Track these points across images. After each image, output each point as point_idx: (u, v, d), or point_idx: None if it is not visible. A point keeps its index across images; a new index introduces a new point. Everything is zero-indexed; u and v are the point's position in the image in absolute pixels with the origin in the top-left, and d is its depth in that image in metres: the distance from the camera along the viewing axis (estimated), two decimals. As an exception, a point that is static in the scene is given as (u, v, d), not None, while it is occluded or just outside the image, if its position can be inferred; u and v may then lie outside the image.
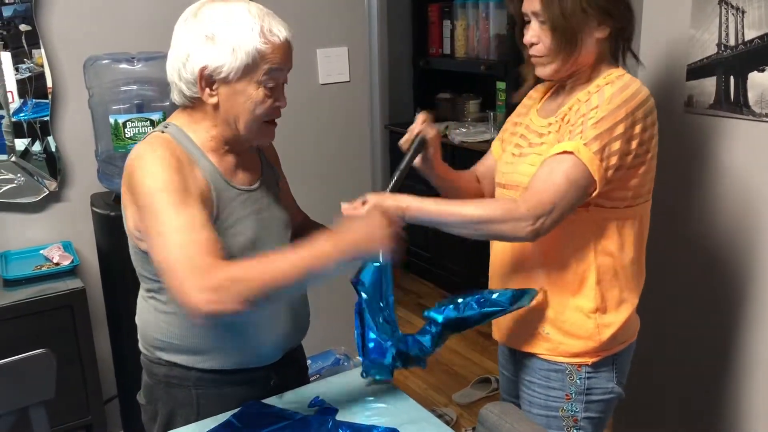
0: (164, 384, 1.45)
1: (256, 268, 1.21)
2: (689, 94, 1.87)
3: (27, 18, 2.23)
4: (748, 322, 1.86)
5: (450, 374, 3.21)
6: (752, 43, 1.71)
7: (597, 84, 1.41)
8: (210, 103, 1.33)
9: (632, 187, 1.42)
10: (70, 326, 2.14)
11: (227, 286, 1.17)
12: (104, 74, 2.20)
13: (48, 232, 2.38)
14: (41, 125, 2.31)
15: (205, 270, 1.17)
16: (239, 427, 1.39)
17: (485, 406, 1.34)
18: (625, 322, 1.48)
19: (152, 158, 1.28)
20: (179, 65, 1.31)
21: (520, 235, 1.35)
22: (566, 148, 1.35)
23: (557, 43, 1.39)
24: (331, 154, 2.91)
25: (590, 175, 1.34)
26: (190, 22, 1.31)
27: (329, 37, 2.79)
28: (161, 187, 1.25)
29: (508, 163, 1.53)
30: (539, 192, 1.34)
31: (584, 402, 1.50)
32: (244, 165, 1.43)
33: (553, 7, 1.37)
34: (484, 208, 1.39)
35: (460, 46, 4.01)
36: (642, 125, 1.37)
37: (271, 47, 1.29)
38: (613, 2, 1.39)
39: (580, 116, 1.37)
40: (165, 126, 1.38)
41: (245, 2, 1.32)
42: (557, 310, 1.48)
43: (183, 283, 1.18)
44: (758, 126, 1.73)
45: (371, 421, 1.40)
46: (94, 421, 2.24)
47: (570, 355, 1.49)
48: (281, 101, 1.36)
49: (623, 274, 1.47)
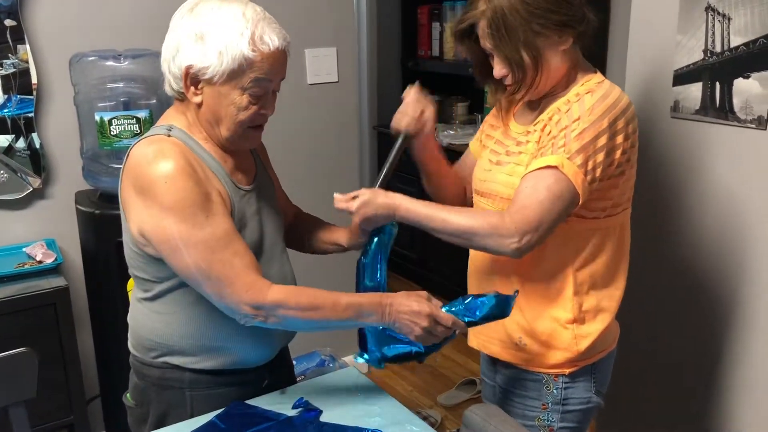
0: (157, 386, 1.44)
1: (304, 300, 1.30)
2: (675, 100, 1.88)
3: (12, 13, 2.21)
4: (733, 327, 1.87)
5: (435, 376, 3.21)
6: (738, 50, 1.72)
7: (576, 92, 1.38)
8: (194, 102, 1.32)
9: (612, 196, 1.41)
10: (53, 325, 2.12)
11: (273, 308, 1.29)
12: (90, 71, 2.18)
13: (31, 230, 2.36)
14: (25, 121, 2.29)
15: (254, 289, 1.28)
16: (223, 428, 1.38)
17: (469, 408, 1.34)
18: (603, 332, 1.47)
19: (172, 169, 1.25)
20: (169, 58, 1.30)
21: (505, 251, 1.33)
22: (550, 163, 1.32)
23: (522, 73, 1.36)
24: (318, 154, 2.90)
25: (574, 189, 1.32)
26: (185, 17, 1.29)
27: (318, 38, 2.79)
28: (187, 201, 1.25)
29: (486, 170, 1.50)
30: (524, 208, 1.32)
31: (561, 412, 1.49)
32: (242, 165, 1.42)
33: (504, 45, 1.34)
34: (472, 220, 1.36)
35: (449, 49, 4.02)
36: (624, 134, 1.35)
37: (259, 55, 1.26)
38: (566, 11, 1.33)
39: (561, 129, 1.33)
40: (169, 129, 1.34)
41: (243, 3, 1.29)
42: (532, 320, 1.46)
43: (231, 297, 1.28)
44: (743, 132, 1.74)
45: (356, 423, 1.40)
46: (76, 420, 2.22)
47: (547, 366, 1.48)
48: (267, 109, 1.34)
49: (602, 284, 1.46)
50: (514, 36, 1.32)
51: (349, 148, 3.01)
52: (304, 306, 1.30)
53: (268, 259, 1.44)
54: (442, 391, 3.05)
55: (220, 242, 1.27)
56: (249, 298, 1.28)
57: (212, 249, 1.27)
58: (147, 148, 1.29)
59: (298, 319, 1.31)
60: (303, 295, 1.31)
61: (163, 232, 1.27)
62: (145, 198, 1.27)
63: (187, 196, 1.25)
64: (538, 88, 1.39)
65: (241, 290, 1.27)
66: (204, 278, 1.28)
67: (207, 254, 1.26)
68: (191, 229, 1.25)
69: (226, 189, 1.35)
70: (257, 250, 1.40)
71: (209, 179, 1.32)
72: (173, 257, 1.28)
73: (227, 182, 1.36)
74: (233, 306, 1.30)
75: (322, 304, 1.30)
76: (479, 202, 1.52)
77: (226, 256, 1.27)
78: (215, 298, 1.30)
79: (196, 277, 1.29)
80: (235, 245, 1.29)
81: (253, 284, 1.28)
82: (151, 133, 1.35)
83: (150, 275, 1.37)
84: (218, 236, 1.27)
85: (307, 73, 2.79)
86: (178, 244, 1.26)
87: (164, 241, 1.28)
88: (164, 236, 1.27)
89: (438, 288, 3.98)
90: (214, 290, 1.29)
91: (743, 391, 1.87)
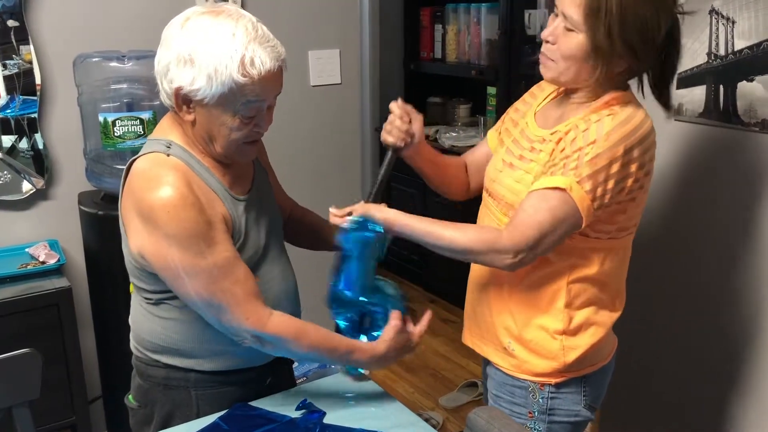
0: (162, 386, 1.44)
1: (302, 336, 1.35)
2: (679, 103, 1.88)
3: (15, 14, 2.21)
4: (739, 336, 1.87)
5: (437, 378, 3.21)
6: (742, 53, 1.72)
7: (599, 109, 1.34)
8: (187, 120, 1.30)
9: (619, 221, 1.39)
10: (56, 325, 2.12)
11: (272, 339, 1.34)
12: (94, 72, 2.18)
13: (34, 230, 2.36)
14: (29, 122, 2.29)
15: (254, 318, 1.31)
16: (226, 429, 1.38)
17: (473, 411, 1.34)
18: (594, 345, 1.44)
19: (174, 198, 1.24)
20: (161, 74, 1.28)
21: (499, 266, 1.35)
22: (558, 185, 1.29)
23: (583, 64, 1.31)
24: (320, 155, 2.91)
25: (579, 214, 1.30)
26: (176, 33, 1.26)
27: (321, 39, 2.79)
28: (190, 231, 1.25)
29: (498, 170, 1.49)
30: (524, 226, 1.31)
31: (546, 422, 1.48)
32: (240, 173, 1.42)
33: (599, 26, 1.27)
34: (468, 238, 1.36)
35: (452, 51, 4.02)
36: (639, 163, 1.31)
37: (250, 80, 1.22)
38: (643, 41, 1.29)
39: (576, 149, 1.30)
40: (168, 146, 1.32)
41: (235, 20, 1.24)
42: (522, 327, 1.46)
43: (233, 325, 1.32)
44: (746, 135, 1.75)
45: (358, 425, 1.40)
46: (79, 421, 2.22)
47: (533, 373, 1.47)
48: (262, 126, 1.33)
49: (597, 300, 1.44)
50: (611, 24, 1.26)
51: (352, 149, 3.01)
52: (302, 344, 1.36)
53: (270, 261, 1.44)
54: (444, 393, 3.05)
55: (222, 270, 1.29)
56: (249, 326, 1.31)
57: (214, 278, 1.28)
58: (149, 172, 1.29)
59: (293, 352, 1.40)
60: (302, 333, 1.36)
61: (164, 260, 1.28)
62: (146, 224, 1.27)
63: (189, 226, 1.25)
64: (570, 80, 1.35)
65: (242, 318, 1.30)
66: (205, 305, 1.31)
67: (209, 283, 1.28)
68: (193, 259, 1.26)
69: (227, 208, 1.35)
70: (262, 254, 1.41)
71: (211, 202, 1.31)
72: (174, 283, 1.30)
73: (227, 198, 1.35)
74: (233, 330, 1.34)
75: (317, 345, 1.37)
76: (487, 200, 1.52)
77: (226, 284, 1.29)
78: (215, 321, 1.34)
79: (197, 303, 1.32)
80: (236, 273, 1.30)
81: (254, 312, 1.31)
82: (151, 150, 1.33)
83: (149, 286, 1.38)
84: (220, 265, 1.28)
85: (310, 75, 2.79)
86: (179, 273, 1.28)
87: (165, 269, 1.29)
88: (165, 264, 1.28)
89: (440, 290, 3.99)
90: (215, 315, 1.32)
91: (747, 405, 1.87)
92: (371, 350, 1.42)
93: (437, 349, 3.45)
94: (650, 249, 1.96)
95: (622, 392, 2.10)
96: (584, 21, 1.28)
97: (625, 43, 1.28)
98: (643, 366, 2.08)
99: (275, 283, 1.45)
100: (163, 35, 1.29)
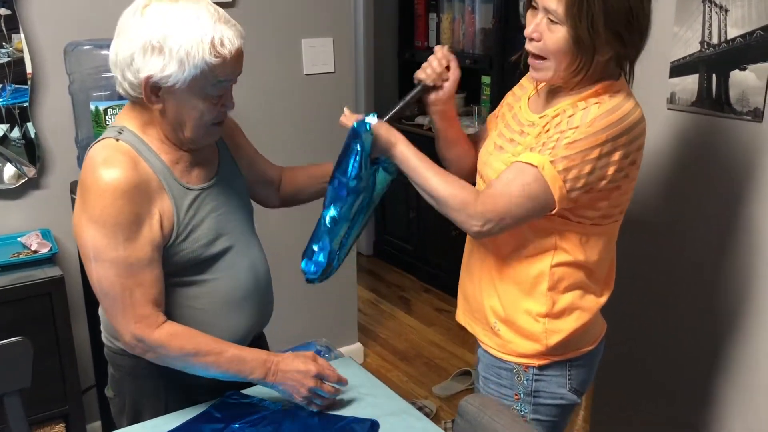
0: (131, 375, 1.44)
1: (188, 345, 1.32)
2: (672, 91, 1.88)
3: (6, 2, 2.19)
4: (734, 325, 1.88)
5: (430, 367, 3.22)
6: (734, 42, 1.72)
7: (588, 97, 1.34)
8: (155, 109, 1.31)
9: (602, 207, 1.39)
10: (48, 315, 2.12)
11: (155, 346, 1.31)
12: (85, 60, 2.17)
13: (26, 220, 2.35)
14: (20, 111, 2.27)
15: (143, 323, 1.30)
16: (218, 417, 1.38)
17: (464, 398, 1.34)
18: (578, 330, 1.45)
19: (109, 183, 1.26)
20: (123, 65, 1.28)
21: (467, 230, 1.37)
22: (532, 161, 1.30)
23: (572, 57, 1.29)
24: (314, 144, 2.89)
25: (550, 194, 1.30)
26: (137, 20, 1.26)
27: (314, 28, 2.77)
28: (111, 219, 1.26)
29: (488, 152, 1.50)
30: (495, 197, 1.33)
31: (532, 404, 1.49)
32: (199, 161, 1.41)
33: (582, 18, 1.25)
34: (448, 191, 1.36)
35: (446, 40, 4.00)
36: (623, 152, 1.31)
37: (221, 60, 1.26)
38: (628, 29, 1.28)
39: (558, 132, 1.31)
40: (119, 131, 1.34)
41: (195, 3, 1.26)
42: (507, 309, 1.47)
43: (119, 321, 1.31)
44: (739, 124, 1.75)
45: (352, 413, 1.40)
46: (71, 410, 2.21)
47: (517, 354, 1.48)
48: (228, 105, 1.36)
49: (582, 284, 1.44)
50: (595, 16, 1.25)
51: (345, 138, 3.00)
52: (186, 351, 1.32)
53: (236, 252, 1.44)
54: (437, 382, 3.06)
55: (129, 269, 1.29)
56: (135, 329, 1.31)
57: (119, 272, 1.29)
58: (98, 154, 1.31)
59: (177, 362, 1.35)
60: (189, 341, 1.33)
61: (81, 238, 1.30)
62: (78, 198, 1.31)
63: (114, 213, 1.26)
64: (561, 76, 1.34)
65: (131, 320, 1.30)
66: (102, 295, 1.33)
67: (111, 275, 1.29)
68: (106, 246, 1.28)
69: (170, 198, 1.34)
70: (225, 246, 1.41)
71: (150, 195, 1.31)
72: (85, 263, 1.33)
73: (173, 187, 1.35)
74: (118, 330, 1.33)
75: (205, 352, 1.33)
76: (479, 183, 1.52)
77: (129, 283, 1.29)
78: (106, 315, 1.36)
79: (96, 290, 1.33)
80: (142, 276, 1.30)
81: (144, 319, 1.31)
82: (105, 135, 1.35)
83: None
84: (130, 262, 1.29)
85: (303, 64, 2.78)
86: (89, 254, 1.30)
87: (81, 246, 1.32)
88: (81, 242, 1.31)
89: (434, 279, 3.99)
90: (108, 309, 1.34)
91: (742, 397, 1.88)
92: (263, 355, 1.37)
93: (431, 339, 3.46)
94: (642, 236, 1.96)
95: (612, 373, 2.11)
96: (567, 13, 1.27)
97: (611, 32, 1.27)
98: (632, 348, 2.09)
99: (243, 274, 1.44)
100: (119, 25, 1.29)
